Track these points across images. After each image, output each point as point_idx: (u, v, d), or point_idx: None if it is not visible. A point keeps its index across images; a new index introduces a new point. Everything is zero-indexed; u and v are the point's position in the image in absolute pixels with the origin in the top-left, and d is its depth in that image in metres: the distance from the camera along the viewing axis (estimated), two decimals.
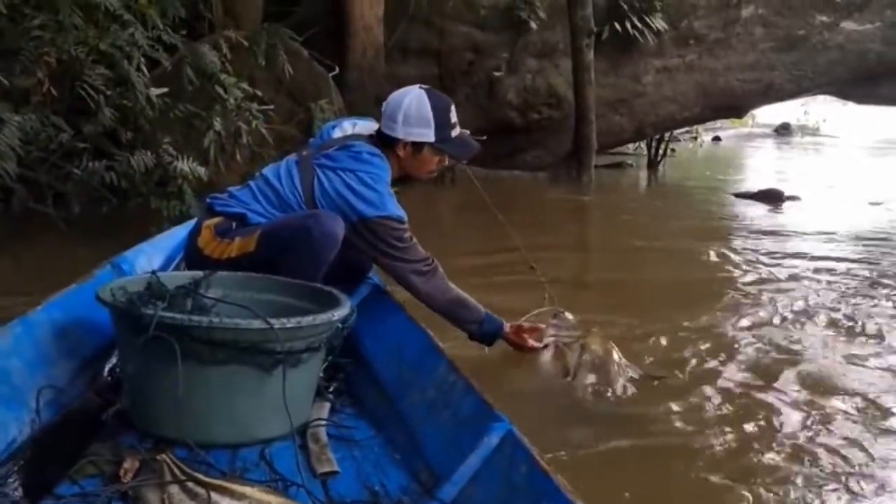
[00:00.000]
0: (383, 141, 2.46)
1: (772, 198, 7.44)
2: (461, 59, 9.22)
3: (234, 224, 2.34)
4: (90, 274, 2.33)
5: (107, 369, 2.04)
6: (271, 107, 5.93)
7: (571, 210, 7.52)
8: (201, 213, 2.50)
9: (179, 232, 2.93)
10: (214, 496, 1.46)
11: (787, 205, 7.35)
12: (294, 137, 7.74)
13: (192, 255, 2.40)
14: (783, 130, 21.56)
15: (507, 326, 2.67)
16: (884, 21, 8.96)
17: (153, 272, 1.96)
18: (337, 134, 2.53)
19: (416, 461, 1.74)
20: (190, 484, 1.50)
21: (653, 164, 10.57)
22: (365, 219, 2.32)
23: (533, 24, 9.07)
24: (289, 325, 1.70)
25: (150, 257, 2.77)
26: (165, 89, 5.03)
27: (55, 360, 1.91)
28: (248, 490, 1.50)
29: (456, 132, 2.49)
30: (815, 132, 21.90)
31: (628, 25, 8.75)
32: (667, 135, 10.64)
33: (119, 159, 4.58)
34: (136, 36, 4.33)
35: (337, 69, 7.96)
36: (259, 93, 6.24)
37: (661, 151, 10.64)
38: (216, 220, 2.37)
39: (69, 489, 1.51)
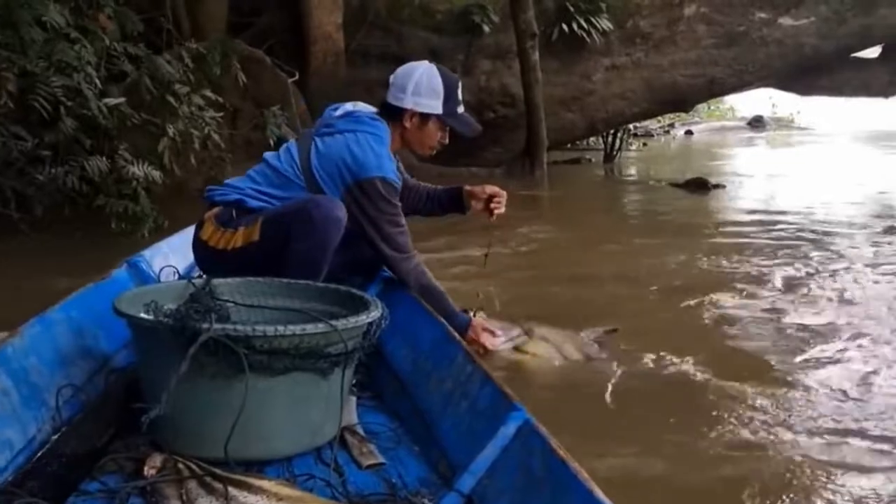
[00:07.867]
0: (388, 112, 2.45)
1: (699, 186, 7.91)
2: (419, 61, 9.62)
3: (233, 212, 2.31)
4: (107, 274, 2.34)
5: (125, 370, 2.01)
6: (221, 114, 6.30)
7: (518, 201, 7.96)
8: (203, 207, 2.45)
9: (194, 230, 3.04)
10: (232, 490, 1.47)
11: (712, 192, 7.80)
12: (259, 141, 8.18)
13: (199, 249, 2.38)
14: (756, 123, 21.91)
15: (472, 323, 2.60)
16: (818, 16, 9.39)
17: (190, 279, 1.93)
18: (338, 113, 2.49)
19: (435, 453, 1.72)
20: (208, 479, 1.52)
21: (609, 159, 11.01)
22: (360, 181, 2.29)
23: (486, 28, 9.52)
24: (349, 326, 1.66)
25: (166, 256, 2.75)
26: (122, 99, 5.41)
27: (73, 359, 1.89)
28: (265, 483, 1.50)
29: (461, 109, 2.49)
30: (789, 124, 22.30)
31: (575, 26, 9.19)
32: (624, 129, 11.08)
33: (74, 165, 4.95)
34: (81, 52, 4.69)
35: (297, 75, 8.38)
36: (221, 99, 6.65)
37: (616, 146, 11.06)
38: (216, 210, 2.35)
39: (92, 485, 1.55)
